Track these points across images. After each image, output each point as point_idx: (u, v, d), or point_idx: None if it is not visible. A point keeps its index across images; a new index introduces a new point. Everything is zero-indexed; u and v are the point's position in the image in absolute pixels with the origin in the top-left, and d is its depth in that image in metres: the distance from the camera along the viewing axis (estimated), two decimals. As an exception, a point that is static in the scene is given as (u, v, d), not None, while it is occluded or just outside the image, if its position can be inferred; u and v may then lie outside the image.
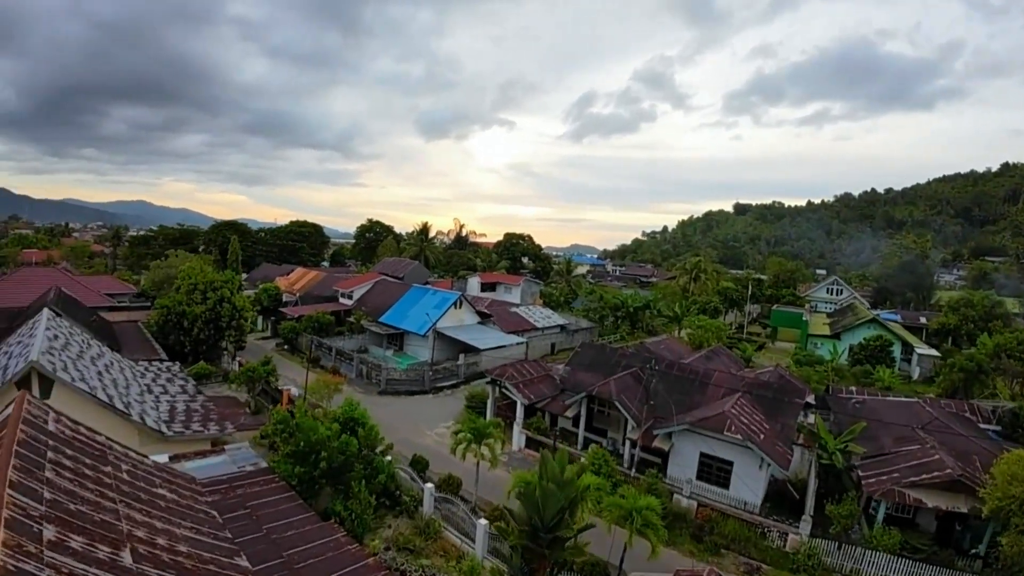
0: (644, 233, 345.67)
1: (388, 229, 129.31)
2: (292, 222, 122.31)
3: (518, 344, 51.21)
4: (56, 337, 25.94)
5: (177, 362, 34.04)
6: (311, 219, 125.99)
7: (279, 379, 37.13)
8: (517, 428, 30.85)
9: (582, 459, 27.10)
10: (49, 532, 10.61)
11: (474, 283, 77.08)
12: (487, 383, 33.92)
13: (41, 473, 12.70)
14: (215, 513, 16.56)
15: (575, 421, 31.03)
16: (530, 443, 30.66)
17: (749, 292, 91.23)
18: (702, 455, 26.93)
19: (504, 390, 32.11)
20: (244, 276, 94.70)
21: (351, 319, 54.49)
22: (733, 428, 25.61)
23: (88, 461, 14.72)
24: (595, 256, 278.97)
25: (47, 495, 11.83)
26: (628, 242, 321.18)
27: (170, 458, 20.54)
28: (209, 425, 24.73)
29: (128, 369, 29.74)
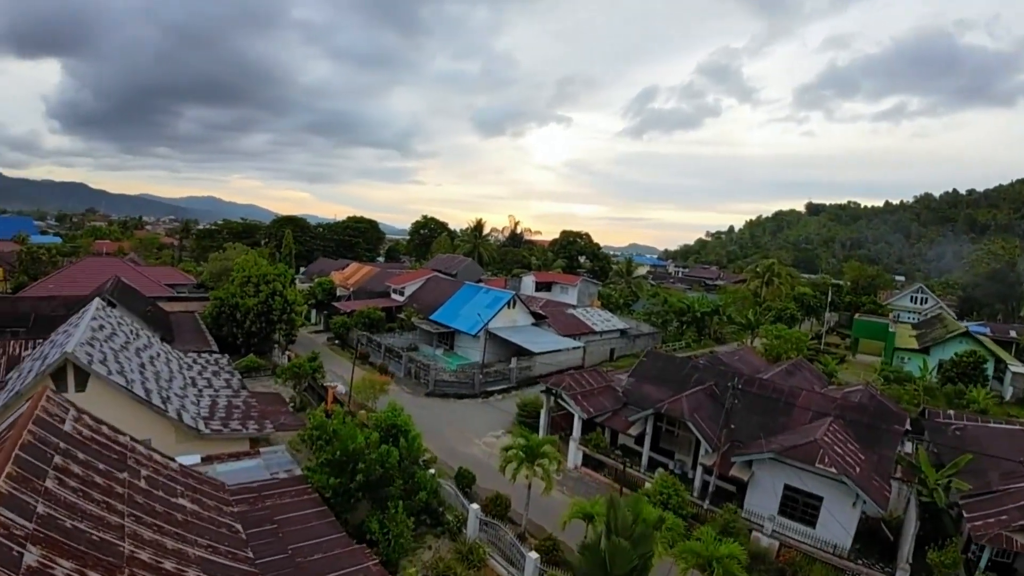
0: (708, 233, 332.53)
1: (442, 226, 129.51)
2: (349, 218, 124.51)
3: (574, 349, 48.66)
4: (102, 327, 25.83)
5: (226, 355, 33.80)
6: (368, 215, 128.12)
7: (326, 375, 36.40)
8: (573, 444, 28.40)
9: (647, 484, 24.36)
10: (32, 556, 9.21)
11: (529, 282, 75.00)
12: (542, 392, 31.63)
13: (40, 483, 11.53)
14: (239, 527, 15.15)
15: (639, 439, 28.21)
16: (587, 461, 28.15)
17: (828, 299, 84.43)
18: (787, 488, 23.62)
19: (560, 401, 29.70)
20: (302, 270, 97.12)
21: (401, 316, 53.68)
22: (827, 460, 22.23)
23: (101, 467, 13.59)
24: (655, 256, 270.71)
25: (41, 509, 10.56)
26: (691, 242, 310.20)
27: (203, 459, 19.57)
28: (248, 423, 23.80)
29: (175, 361, 29.54)
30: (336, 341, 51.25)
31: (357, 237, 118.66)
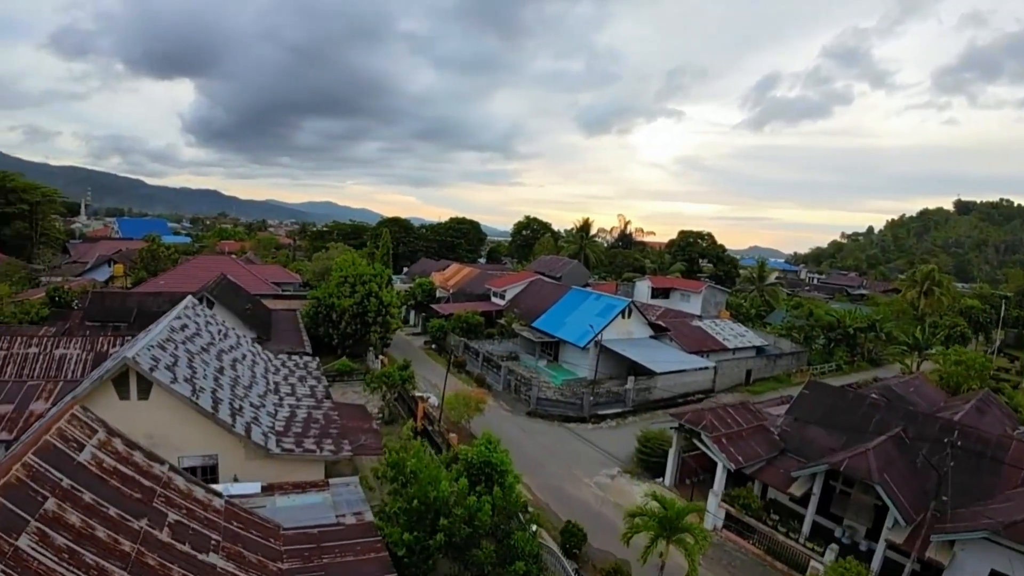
0: (843, 235, 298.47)
1: (545, 226, 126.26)
2: (451, 219, 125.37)
3: (703, 369, 42.26)
4: (184, 327, 24.68)
5: (316, 358, 32.18)
6: (470, 217, 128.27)
7: (418, 385, 33.74)
8: (714, 499, 22.79)
9: (816, 564, 18.29)
10: None
11: (643, 287, 68.83)
12: (672, 429, 26.20)
13: (11, 540, 8.89)
14: (284, 599, 11.93)
15: (803, 498, 21.93)
16: (730, 520, 22.36)
17: (1001, 313, 69.44)
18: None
19: (699, 443, 24.10)
20: (404, 270, 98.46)
21: (502, 321, 50.43)
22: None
23: (113, 513, 10.77)
24: (783, 261, 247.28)
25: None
26: (823, 244, 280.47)
27: (263, 488, 16.91)
28: (324, 442, 21.15)
29: (262, 363, 28.10)
30: (433, 345, 49.12)
31: (459, 238, 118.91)
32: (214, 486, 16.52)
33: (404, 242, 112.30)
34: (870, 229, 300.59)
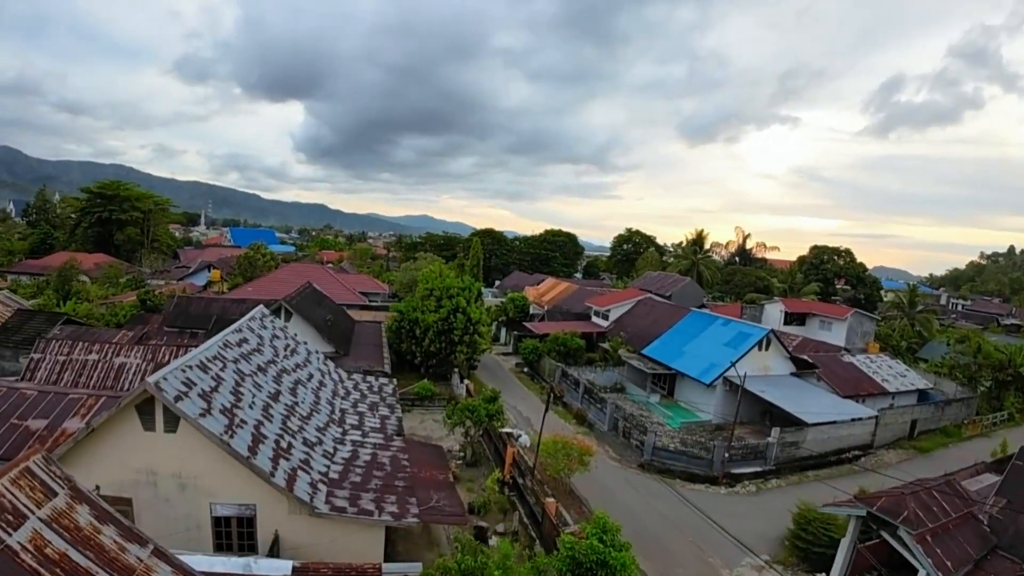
0: (983, 255, 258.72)
1: (648, 239, 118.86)
2: (546, 231, 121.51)
3: (864, 421, 34.23)
4: (244, 341, 21.84)
5: (393, 380, 28.65)
6: (565, 230, 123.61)
7: (507, 420, 29.17)
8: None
9: None
10: None
11: (774, 312, 60.19)
12: (855, 516, 19.43)
13: None
14: None
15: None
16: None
17: None
18: None
19: (889, 537, 17.36)
20: (496, 283, 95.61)
21: (605, 345, 44.89)
22: None
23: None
24: (918, 283, 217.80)
25: None
26: (961, 266, 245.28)
27: (294, 570, 12.85)
28: (386, 501, 16.98)
29: (331, 385, 24.85)
30: (526, 369, 44.56)
31: (554, 251, 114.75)
32: (232, 559, 12.76)
33: (496, 254, 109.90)
34: (1011, 249, 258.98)
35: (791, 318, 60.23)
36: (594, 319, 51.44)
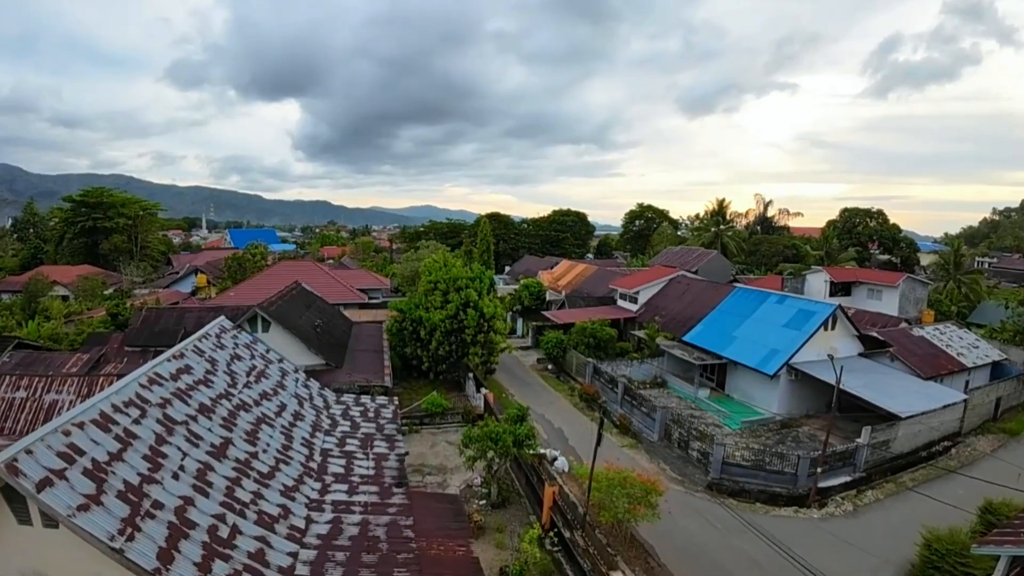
0: (995, 211, 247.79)
1: (661, 214, 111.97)
2: (555, 211, 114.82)
3: (951, 406, 28.16)
4: (184, 371, 16.01)
5: (394, 400, 22.80)
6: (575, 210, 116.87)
7: (536, 438, 23.19)
8: None
9: None
10: None
11: (818, 282, 53.73)
12: (1007, 555, 13.42)
13: None
14: None
15: None
16: None
17: None
18: None
19: None
20: (507, 269, 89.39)
21: (640, 333, 38.78)
22: None
23: None
24: (930, 243, 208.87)
25: None
26: (974, 223, 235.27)
27: None
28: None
29: (311, 416, 19.04)
30: (549, 366, 38.54)
31: (564, 232, 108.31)
32: None
33: (504, 239, 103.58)
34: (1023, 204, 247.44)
35: (836, 288, 53.77)
36: (620, 303, 45.27)
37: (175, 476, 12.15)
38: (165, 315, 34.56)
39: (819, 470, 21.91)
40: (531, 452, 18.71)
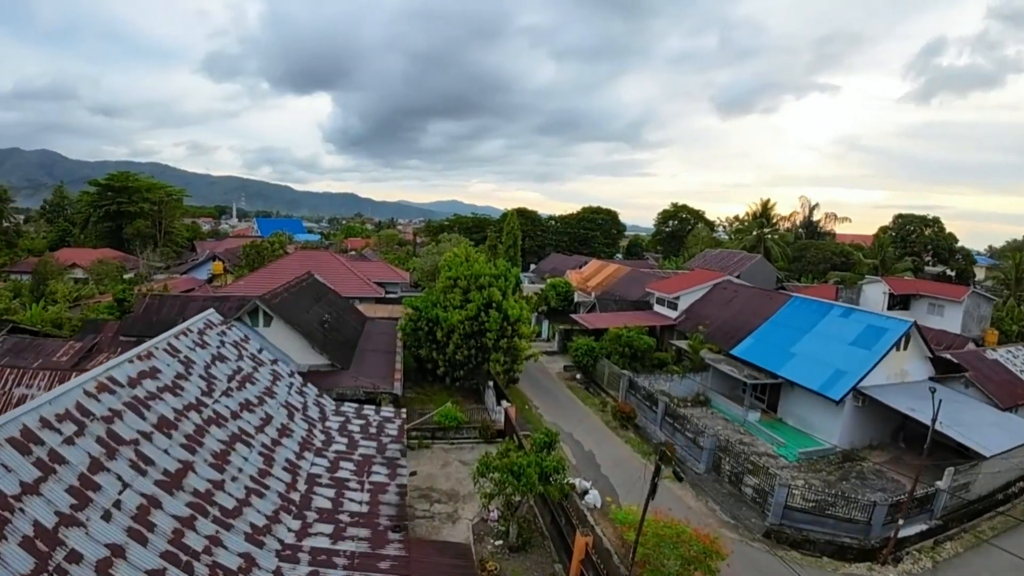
0: None
1: (697, 215, 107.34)
2: (584, 208, 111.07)
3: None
4: (148, 375, 13.44)
5: (401, 412, 20.01)
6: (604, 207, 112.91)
7: (567, 469, 20.10)
8: None
9: None
10: None
11: (874, 293, 49.36)
12: None
13: None
14: None
15: None
16: None
17: None
18: None
19: None
20: (532, 267, 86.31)
21: (680, 343, 35.29)
22: None
23: None
24: (980, 255, 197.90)
25: None
26: (1017, 236, 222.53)
27: None
28: None
29: (303, 431, 16.36)
30: (577, 376, 35.33)
31: (594, 230, 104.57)
32: None
33: (530, 235, 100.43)
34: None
35: (894, 300, 49.24)
36: (657, 308, 41.72)
37: (106, 516, 9.49)
38: (168, 303, 32.43)
39: (901, 521, 18.33)
40: (560, 486, 15.61)
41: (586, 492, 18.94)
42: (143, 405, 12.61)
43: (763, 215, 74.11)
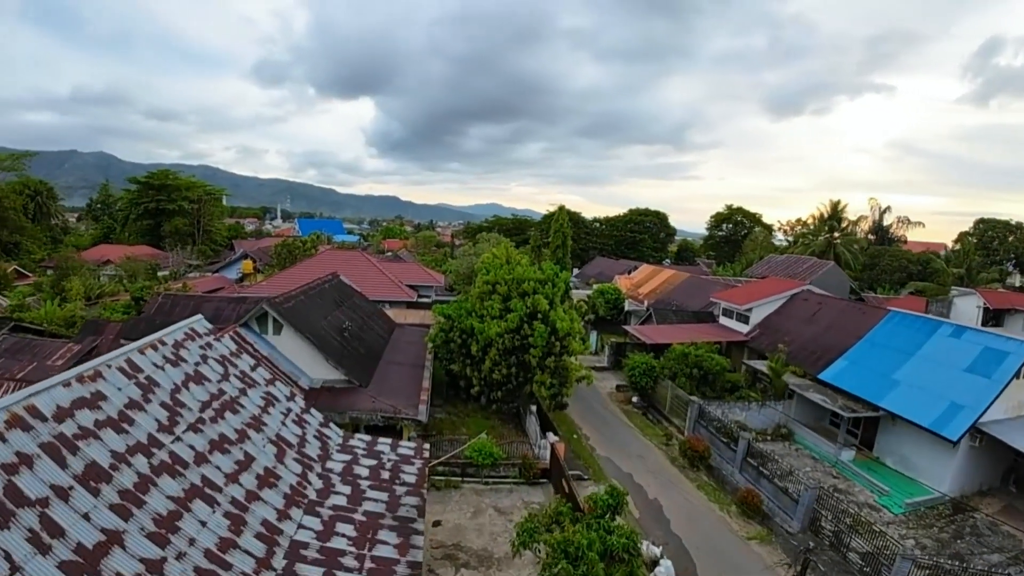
0: None
1: (754, 218, 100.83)
2: (631, 210, 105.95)
3: None
4: (89, 402, 10.11)
5: (424, 450, 16.40)
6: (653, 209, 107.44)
7: (627, 508, 16.00)
8: None
9: None
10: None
11: (967, 307, 43.28)
12: None
13: None
14: None
15: None
16: None
17: None
18: None
19: None
20: (575, 272, 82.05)
21: (758, 364, 30.52)
22: None
23: None
24: None
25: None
26: None
27: None
28: None
29: (295, 476, 12.97)
30: (634, 399, 30.96)
31: (642, 233, 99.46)
32: None
33: (573, 238, 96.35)
34: None
35: (988, 316, 42.96)
36: (723, 320, 36.95)
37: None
38: (181, 303, 29.97)
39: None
40: (631, 572, 11.52)
41: (656, 562, 14.80)
42: (68, 447, 9.30)
43: (833, 218, 67.72)
